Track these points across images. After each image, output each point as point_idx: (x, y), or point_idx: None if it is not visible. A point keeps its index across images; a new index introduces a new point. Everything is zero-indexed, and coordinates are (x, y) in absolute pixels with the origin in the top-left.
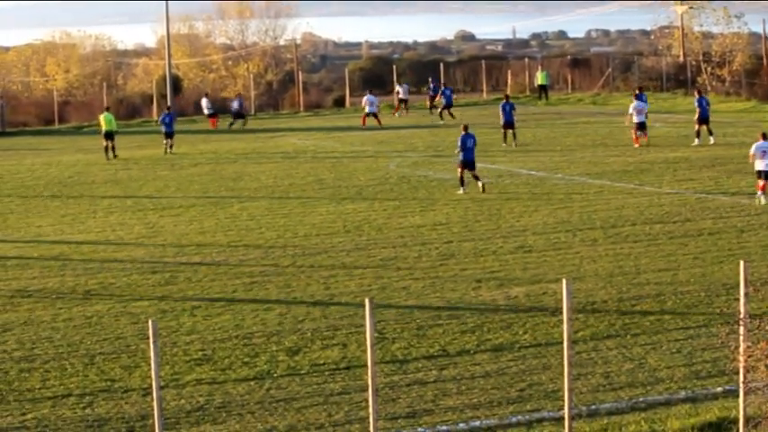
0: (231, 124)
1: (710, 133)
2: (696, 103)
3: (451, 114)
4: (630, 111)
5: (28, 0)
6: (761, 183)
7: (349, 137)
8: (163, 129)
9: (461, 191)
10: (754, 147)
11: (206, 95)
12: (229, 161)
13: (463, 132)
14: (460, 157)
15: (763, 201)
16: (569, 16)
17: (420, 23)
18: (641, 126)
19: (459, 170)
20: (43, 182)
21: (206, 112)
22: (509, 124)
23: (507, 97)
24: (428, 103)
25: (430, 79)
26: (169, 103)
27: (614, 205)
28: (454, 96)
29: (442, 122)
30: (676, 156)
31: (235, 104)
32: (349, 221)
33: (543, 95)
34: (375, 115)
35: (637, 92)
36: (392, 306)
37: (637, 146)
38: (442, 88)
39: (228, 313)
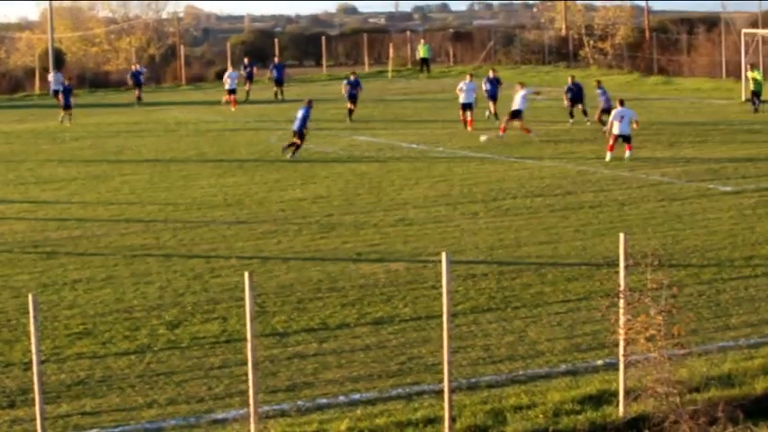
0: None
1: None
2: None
3: (281, 92)
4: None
5: None
6: (626, 145)
7: (230, 110)
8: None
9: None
10: (613, 113)
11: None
12: (111, 135)
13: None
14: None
15: (627, 156)
16: None
17: None
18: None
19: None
20: None
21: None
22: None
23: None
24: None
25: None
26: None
27: (495, 178)
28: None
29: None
30: (557, 129)
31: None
32: (230, 195)
33: (425, 68)
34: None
35: (600, 83)
36: (273, 279)
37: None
38: (274, 64)
39: (109, 287)
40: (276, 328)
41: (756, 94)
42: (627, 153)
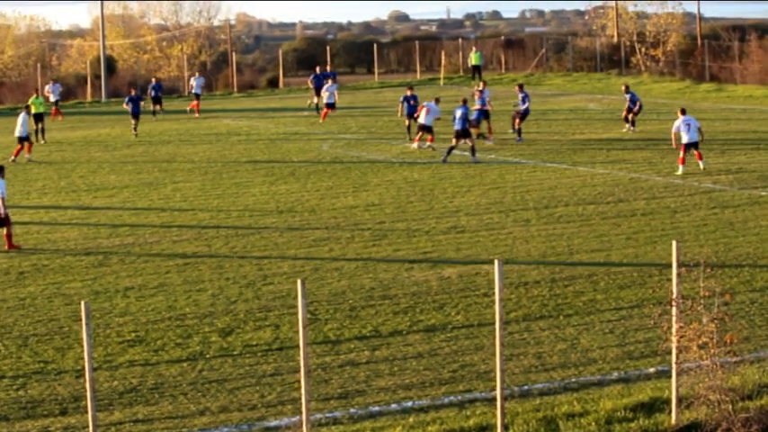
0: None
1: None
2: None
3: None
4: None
5: None
6: (696, 153)
7: (282, 117)
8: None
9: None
10: (677, 124)
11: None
12: (163, 142)
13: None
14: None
15: (701, 166)
16: None
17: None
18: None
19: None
20: None
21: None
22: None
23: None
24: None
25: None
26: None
27: (547, 186)
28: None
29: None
30: (610, 136)
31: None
32: (282, 202)
33: (477, 76)
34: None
35: (628, 88)
36: (325, 287)
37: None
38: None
39: (161, 294)
40: (328, 335)
41: None
42: (700, 163)
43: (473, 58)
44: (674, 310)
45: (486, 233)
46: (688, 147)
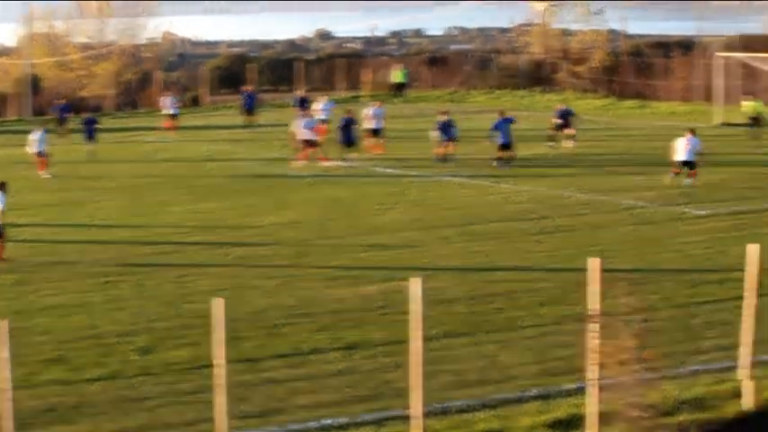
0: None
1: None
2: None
3: (251, 120)
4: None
5: None
6: (675, 169)
7: (206, 135)
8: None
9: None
10: (681, 142)
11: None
12: (86, 161)
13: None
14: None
15: (668, 181)
16: (429, 14)
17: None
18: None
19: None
20: None
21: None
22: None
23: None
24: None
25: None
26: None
27: (469, 203)
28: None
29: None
30: (534, 153)
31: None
32: (204, 220)
33: (401, 93)
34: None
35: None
36: (246, 305)
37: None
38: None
39: (82, 313)
40: (248, 353)
41: (757, 120)
42: (688, 180)
43: (397, 76)
44: (593, 326)
45: (408, 250)
46: (683, 164)
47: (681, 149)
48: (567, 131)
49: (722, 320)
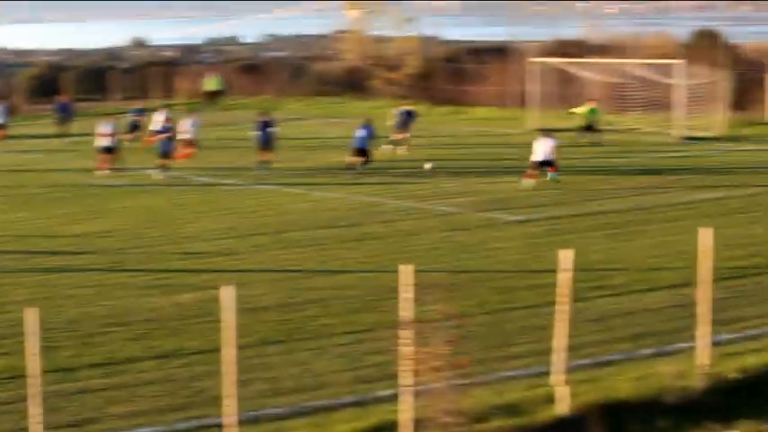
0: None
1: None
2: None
3: (65, 129)
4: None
5: None
6: (531, 172)
7: (19, 144)
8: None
9: None
10: (535, 144)
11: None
12: None
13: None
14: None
15: (530, 185)
16: (244, 21)
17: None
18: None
19: None
20: None
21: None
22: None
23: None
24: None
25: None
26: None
27: (283, 210)
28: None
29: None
30: (345, 160)
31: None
32: (18, 230)
33: (215, 101)
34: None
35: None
36: (61, 314)
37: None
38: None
39: None
40: (63, 363)
41: (589, 126)
42: (550, 174)
43: (211, 83)
44: (406, 333)
45: (222, 258)
46: (542, 164)
47: (539, 151)
48: (404, 135)
49: (535, 326)
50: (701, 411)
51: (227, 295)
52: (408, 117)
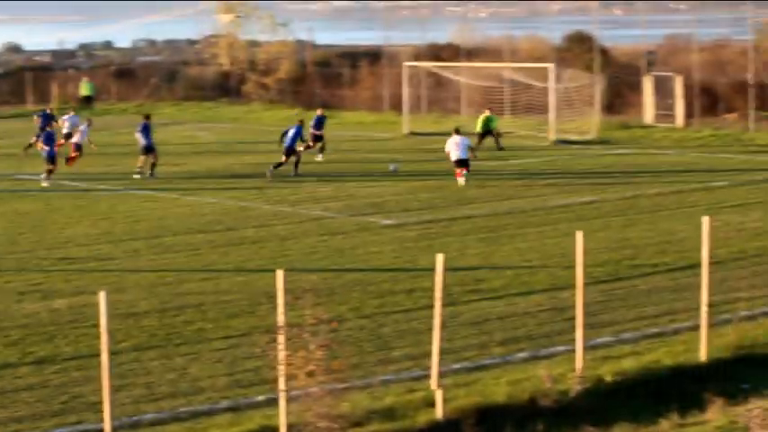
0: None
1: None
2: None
3: None
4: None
5: None
6: (458, 170)
7: None
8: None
9: None
10: (448, 142)
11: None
12: None
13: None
14: None
15: (463, 183)
16: (117, 26)
17: None
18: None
19: None
20: None
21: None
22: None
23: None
24: None
25: None
26: None
27: (157, 215)
28: None
29: None
30: (219, 164)
31: None
32: None
33: (88, 106)
34: None
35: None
36: None
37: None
38: None
39: None
40: None
41: (489, 133)
42: (460, 179)
43: (84, 89)
44: (281, 338)
45: (96, 264)
46: (459, 163)
47: (453, 150)
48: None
49: (412, 330)
50: (578, 415)
51: (103, 300)
52: (322, 122)
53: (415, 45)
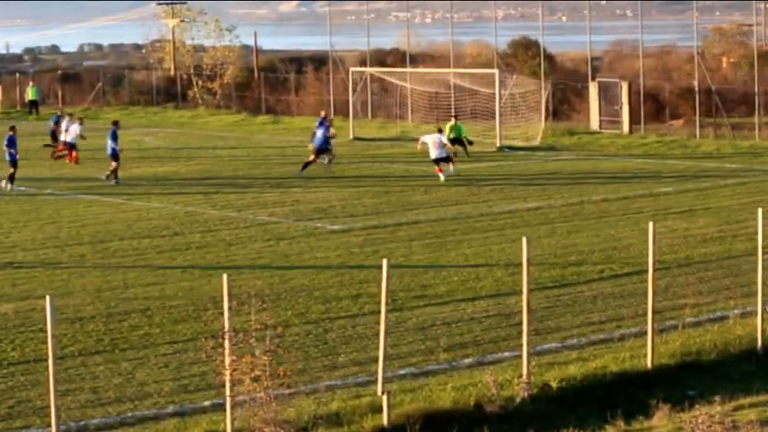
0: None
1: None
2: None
3: None
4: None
5: None
6: (437, 167)
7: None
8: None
9: None
10: (428, 138)
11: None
12: None
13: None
14: None
15: (452, 169)
16: (63, 30)
17: None
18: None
19: None
20: None
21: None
22: None
23: None
24: None
25: None
26: None
27: (103, 220)
28: None
29: None
30: (166, 170)
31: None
32: None
33: (34, 110)
34: None
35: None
36: None
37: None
38: None
39: None
40: None
41: (458, 140)
42: (441, 176)
43: (30, 93)
44: (226, 343)
45: (42, 268)
46: (438, 161)
47: (432, 149)
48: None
49: (358, 335)
50: (524, 420)
51: (49, 305)
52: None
53: (361, 50)
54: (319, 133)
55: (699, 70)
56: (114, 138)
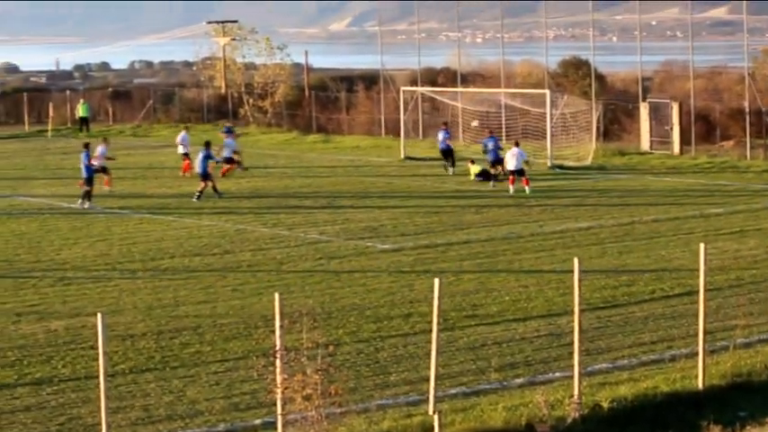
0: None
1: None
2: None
3: None
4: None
5: None
6: (511, 177)
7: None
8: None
9: None
10: (509, 153)
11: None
12: None
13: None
14: None
15: (513, 190)
16: (113, 47)
17: None
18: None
19: None
20: None
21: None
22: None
23: None
24: None
25: None
26: None
27: (154, 238)
28: None
29: None
30: (223, 187)
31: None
32: None
33: (84, 127)
34: None
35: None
36: None
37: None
38: None
39: None
40: None
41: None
42: (526, 188)
43: (80, 110)
44: (277, 361)
45: (93, 285)
46: (513, 173)
47: (510, 160)
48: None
49: (409, 354)
50: None
51: (100, 322)
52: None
53: (412, 69)
54: (491, 145)
55: (749, 91)
56: (207, 157)
